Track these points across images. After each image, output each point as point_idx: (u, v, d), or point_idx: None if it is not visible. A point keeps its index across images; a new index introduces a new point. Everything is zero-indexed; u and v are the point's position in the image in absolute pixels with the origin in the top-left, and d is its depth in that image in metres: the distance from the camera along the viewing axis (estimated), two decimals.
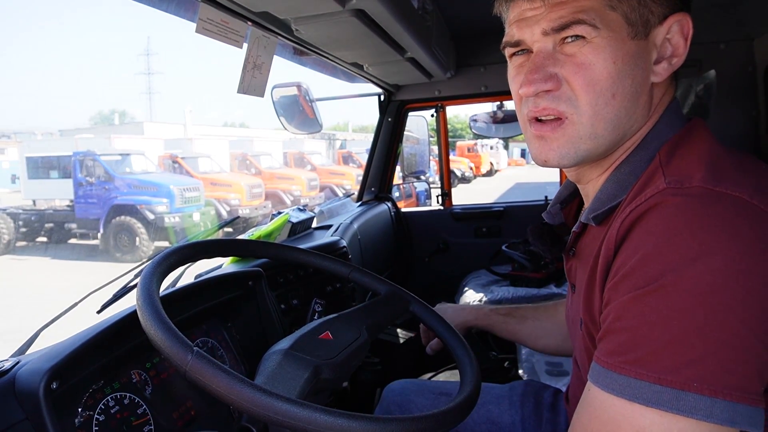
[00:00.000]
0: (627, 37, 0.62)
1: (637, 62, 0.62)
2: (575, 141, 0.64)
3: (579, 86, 0.62)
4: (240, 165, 16.11)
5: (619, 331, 0.53)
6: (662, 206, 0.54)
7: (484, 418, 0.98)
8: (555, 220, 0.83)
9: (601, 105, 0.62)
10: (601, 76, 0.62)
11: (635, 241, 0.55)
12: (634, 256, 0.53)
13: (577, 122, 0.64)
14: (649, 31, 0.63)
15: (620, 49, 0.61)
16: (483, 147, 25.69)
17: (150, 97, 58.79)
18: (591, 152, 0.65)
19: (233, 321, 1.10)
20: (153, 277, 0.72)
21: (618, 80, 0.62)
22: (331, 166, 18.53)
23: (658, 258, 0.51)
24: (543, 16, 0.63)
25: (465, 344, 0.89)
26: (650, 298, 0.51)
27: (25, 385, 0.68)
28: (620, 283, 0.55)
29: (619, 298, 0.54)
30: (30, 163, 12.84)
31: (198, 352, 0.60)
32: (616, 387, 0.52)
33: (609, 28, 0.61)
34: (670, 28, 0.63)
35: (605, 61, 0.61)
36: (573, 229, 0.74)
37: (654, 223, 0.54)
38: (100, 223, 10.58)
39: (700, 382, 0.48)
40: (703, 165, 0.56)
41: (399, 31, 1.35)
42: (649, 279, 0.51)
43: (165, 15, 1.27)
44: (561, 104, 0.64)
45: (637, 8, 0.62)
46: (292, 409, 0.57)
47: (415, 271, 2.60)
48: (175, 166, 13.48)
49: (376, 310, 0.92)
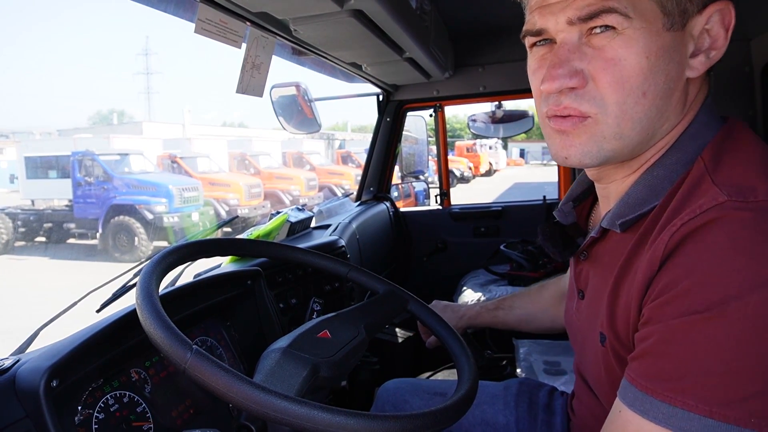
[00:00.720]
0: (662, 28, 0.55)
1: (672, 56, 0.56)
2: (599, 140, 0.59)
3: (606, 84, 0.57)
4: (239, 165, 16.10)
5: (664, 355, 0.49)
6: (724, 222, 0.49)
7: (478, 419, 0.98)
8: (567, 219, 0.77)
9: (630, 104, 0.57)
10: (632, 72, 0.56)
11: (690, 258, 0.49)
12: (689, 277, 0.49)
13: (602, 121, 0.58)
14: (687, 21, 0.56)
15: (654, 42, 0.55)
16: (482, 147, 25.70)
17: (149, 97, 58.74)
18: (616, 152, 0.60)
19: (232, 320, 1.10)
20: (152, 276, 0.72)
21: (650, 77, 0.56)
22: (330, 166, 18.52)
23: (719, 281, 0.47)
24: (569, 3, 0.57)
25: (462, 343, 0.89)
26: (708, 324, 0.47)
27: (26, 383, 0.68)
28: (669, 304, 0.50)
29: (667, 320, 0.50)
30: (28, 163, 12.82)
31: (197, 350, 0.61)
32: (657, 415, 0.49)
33: (643, 17, 0.55)
34: (710, 17, 0.57)
35: (637, 56, 0.55)
36: (591, 234, 0.68)
37: (714, 241, 0.48)
38: (99, 223, 10.57)
39: (760, 419, 0.44)
40: (764, 174, 0.51)
41: (397, 31, 1.36)
42: (708, 304, 0.47)
43: (164, 15, 1.27)
44: (584, 103, 0.58)
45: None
46: (290, 407, 0.58)
47: (413, 271, 2.61)
48: (174, 165, 13.47)
49: (374, 309, 0.92)
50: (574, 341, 0.79)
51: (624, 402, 0.53)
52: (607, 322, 0.61)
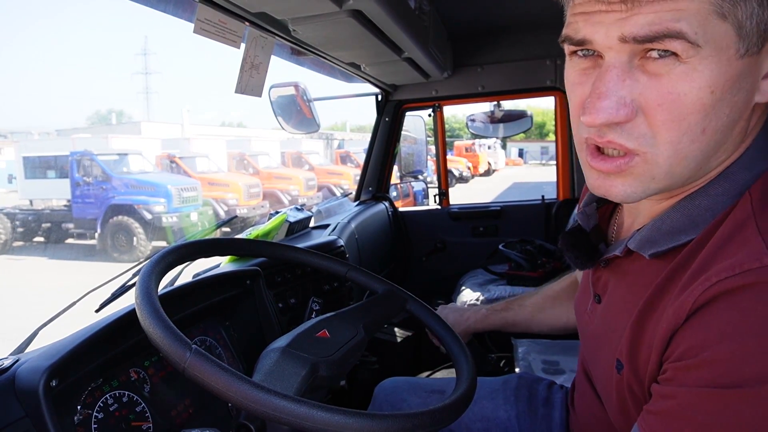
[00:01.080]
0: (734, 55, 0.46)
1: (742, 85, 0.48)
2: (645, 181, 0.52)
3: (661, 122, 0.48)
4: (238, 165, 16.10)
5: (683, 420, 0.46)
6: (762, 290, 0.44)
7: (478, 415, 0.99)
8: (590, 223, 0.70)
9: (685, 143, 0.49)
10: (693, 109, 0.47)
11: (721, 325, 0.45)
12: (718, 345, 0.44)
13: (651, 162, 0.51)
14: (765, 42, 0.47)
15: (723, 74, 0.46)
16: (481, 147, 25.71)
17: (147, 97, 58.71)
18: (663, 190, 0.54)
19: (231, 320, 1.11)
20: (151, 276, 0.73)
21: (712, 113, 0.47)
22: (329, 166, 18.52)
23: (751, 358, 0.43)
24: (625, 17, 0.47)
25: (461, 343, 0.89)
26: (732, 401, 0.43)
27: (25, 383, 0.68)
28: (694, 370, 0.46)
29: (691, 386, 0.46)
30: (27, 163, 12.80)
31: (196, 349, 0.61)
32: None
33: (713, 44, 0.46)
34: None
35: (701, 90, 0.46)
36: (615, 252, 0.62)
37: (750, 311, 0.44)
38: (98, 223, 10.56)
39: None
40: None
41: (396, 31, 1.36)
42: (736, 381, 0.43)
43: (163, 15, 1.28)
44: (632, 140, 0.50)
45: (757, 13, 0.45)
46: (289, 406, 0.58)
47: (412, 271, 2.61)
48: (173, 165, 13.46)
49: (373, 309, 0.92)
50: (584, 339, 0.77)
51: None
52: (627, 353, 0.57)
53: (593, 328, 0.71)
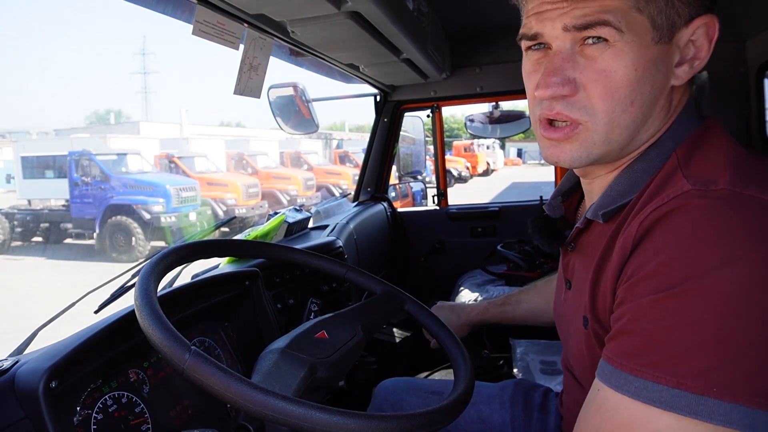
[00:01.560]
0: (651, 41, 0.59)
1: (659, 67, 0.60)
2: (588, 146, 0.63)
3: (597, 94, 0.60)
4: (236, 165, 16.09)
5: (635, 333, 0.53)
6: (687, 208, 0.53)
7: (474, 418, 0.99)
8: (556, 213, 0.82)
9: (617, 113, 0.60)
10: (621, 83, 0.59)
11: (656, 242, 0.53)
12: (656, 258, 0.52)
13: (591, 129, 0.62)
14: (674, 34, 0.60)
15: (643, 55, 0.58)
16: (479, 147, 25.72)
17: (146, 97, 58.65)
18: (603, 155, 0.64)
19: (230, 321, 1.11)
20: (150, 277, 0.73)
21: (637, 87, 0.59)
22: (328, 166, 18.52)
23: (681, 262, 0.50)
24: (566, 12, 0.60)
25: (459, 343, 0.90)
26: (672, 302, 0.50)
27: (25, 384, 0.69)
28: (638, 285, 0.53)
29: (637, 300, 0.53)
30: (25, 163, 12.79)
31: (195, 351, 0.61)
32: (631, 389, 0.51)
33: (633, 31, 0.58)
34: (695, 30, 0.60)
35: (626, 68, 0.59)
36: (577, 225, 0.72)
37: (678, 226, 0.52)
38: (96, 223, 10.55)
39: (720, 388, 0.47)
40: (728, 167, 0.55)
41: (394, 32, 1.36)
42: (671, 283, 0.50)
43: (161, 16, 1.28)
44: (575, 111, 0.62)
45: (664, 10, 0.58)
46: (288, 407, 0.58)
47: (411, 271, 2.61)
48: (172, 165, 13.45)
49: (371, 310, 0.93)
50: (561, 331, 0.82)
51: (601, 380, 0.56)
52: (589, 305, 0.64)
53: (565, 313, 0.77)
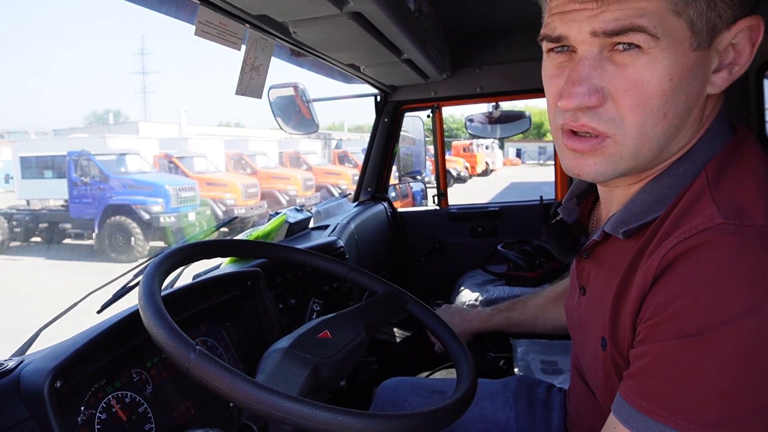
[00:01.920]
0: (689, 48, 0.53)
1: (696, 75, 0.54)
2: (615, 161, 0.58)
3: (627, 106, 0.55)
4: (236, 165, 16.09)
5: (657, 375, 0.51)
6: (716, 245, 0.49)
7: (478, 416, 1.00)
8: (571, 217, 0.76)
9: (649, 126, 0.55)
10: (654, 94, 0.54)
11: (682, 280, 0.50)
12: (681, 299, 0.49)
13: (620, 143, 0.57)
14: (714, 38, 0.54)
15: (679, 63, 0.53)
16: (478, 147, 25.73)
17: (145, 97, 58.63)
18: (630, 170, 0.59)
19: (232, 321, 1.11)
20: (155, 277, 0.73)
21: (671, 98, 0.54)
22: (327, 166, 18.51)
23: (709, 305, 0.48)
24: (595, 14, 0.54)
25: (461, 343, 0.90)
26: (697, 348, 0.48)
27: (30, 384, 0.69)
28: (662, 325, 0.51)
29: (660, 341, 0.51)
30: (24, 163, 12.77)
31: (200, 350, 0.61)
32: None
33: (670, 37, 0.53)
34: (737, 33, 0.55)
35: (661, 78, 0.53)
36: (594, 237, 0.68)
37: (706, 263, 0.49)
38: (95, 223, 10.54)
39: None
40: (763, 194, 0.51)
41: (395, 33, 1.36)
42: (698, 328, 0.48)
43: (160, 14, 1.27)
44: (603, 123, 0.56)
45: (705, 13, 0.53)
46: (293, 406, 0.58)
47: (411, 271, 2.62)
48: (171, 165, 13.44)
49: (373, 310, 0.93)
50: (574, 334, 0.80)
51: (618, 418, 0.54)
52: (610, 329, 0.61)
53: (580, 319, 0.74)
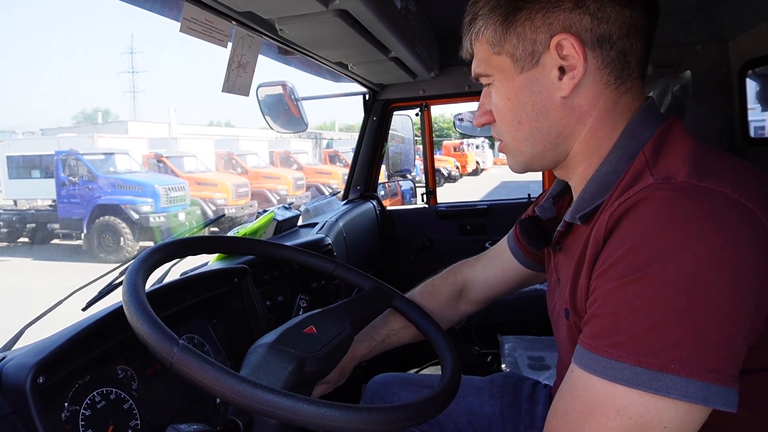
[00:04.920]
0: (515, 73, 0.70)
1: (533, 89, 0.69)
2: (512, 155, 0.77)
3: (498, 120, 0.75)
4: (226, 164, 16.03)
5: (603, 316, 0.57)
6: (649, 200, 0.57)
7: (464, 410, 1.01)
8: (547, 215, 0.87)
9: (513, 131, 0.73)
10: (504, 109, 0.72)
11: (623, 232, 0.58)
12: (622, 247, 0.56)
13: (507, 143, 0.76)
14: (538, 59, 0.68)
15: (511, 86, 0.71)
16: (469, 146, 25.80)
17: (134, 96, 58.09)
18: (528, 162, 0.76)
19: (219, 317, 1.11)
20: (139, 273, 0.73)
21: (517, 110, 0.71)
22: (318, 166, 18.50)
23: (644, 248, 0.54)
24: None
25: (446, 337, 0.91)
26: (635, 285, 0.54)
27: (12, 380, 0.68)
28: (607, 272, 0.57)
29: (606, 285, 0.57)
30: (11, 163, 12.65)
31: (183, 344, 0.62)
32: (598, 369, 0.55)
33: (499, 70, 0.71)
34: (560, 48, 0.66)
35: (502, 99, 0.72)
36: (558, 228, 0.77)
37: (641, 215, 0.57)
38: (84, 223, 10.46)
39: (677, 364, 0.51)
40: (688, 162, 0.59)
41: (382, 31, 1.37)
42: (635, 268, 0.54)
43: (149, 13, 1.27)
44: (496, 132, 0.77)
45: (518, 44, 0.68)
46: (276, 399, 0.59)
47: (400, 269, 2.62)
48: (160, 165, 13.36)
49: (359, 305, 0.94)
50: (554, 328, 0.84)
51: (574, 362, 0.60)
52: (569, 298, 0.69)
53: (556, 310, 0.79)
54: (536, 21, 0.67)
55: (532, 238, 0.85)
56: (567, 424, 0.59)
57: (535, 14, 0.67)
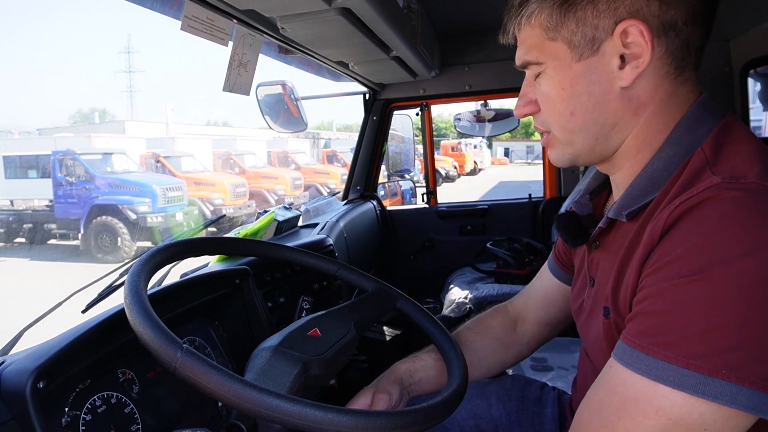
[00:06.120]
0: (572, 61, 0.66)
1: (591, 78, 0.66)
2: (560, 148, 0.73)
3: (545, 110, 0.71)
4: (223, 164, 15.99)
5: (652, 314, 0.55)
6: (716, 199, 0.54)
7: (471, 413, 1.00)
8: (584, 211, 0.83)
9: (564, 122, 0.69)
10: (556, 101, 0.68)
11: (684, 230, 0.55)
12: (682, 245, 0.54)
13: (555, 135, 0.72)
14: (599, 46, 0.64)
15: (566, 75, 0.66)
16: (467, 146, 25.83)
17: (131, 96, 57.97)
18: (576, 155, 0.72)
19: (220, 319, 1.10)
20: (140, 275, 0.72)
21: (571, 101, 0.67)
22: (316, 165, 18.47)
23: (707, 249, 0.52)
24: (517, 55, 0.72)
25: (452, 340, 0.90)
26: (691, 286, 0.52)
27: (12, 385, 0.67)
28: (662, 269, 0.55)
29: (659, 283, 0.55)
30: (7, 163, 12.59)
31: (188, 349, 0.60)
32: (641, 366, 0.54)
33: (553, 57, 0.67)
34: (625, 35, 0.63)
35: (555, 89, 0.68)
36: (600, 224, 0.74)
37: (706, 215, 0.54)
38: (81, 224, 10.41)
39: (728, 370, 0.49)
40: (757, 163, 0.57)
41: (384, 29, 1.36)
42: (695, 269, 0.52)
43: (147, 12, 1.26)
44: (541, 123, 0.73)
45: (577, 30, 0.64)
46: (282, 405, 0.58)
47: (400, 269, 2.62)
48: (158, 165, 13.33)
49: (363, 307, 0.92)
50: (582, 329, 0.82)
51: (615, 357, 0.58)
52: (611, 297, 0.67)
53: (588, 309, 0.77)
54: (600, 5, 0.62)
55: (570, 235, 0.81)
56: (600, 419, 0.58)
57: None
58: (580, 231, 0.80)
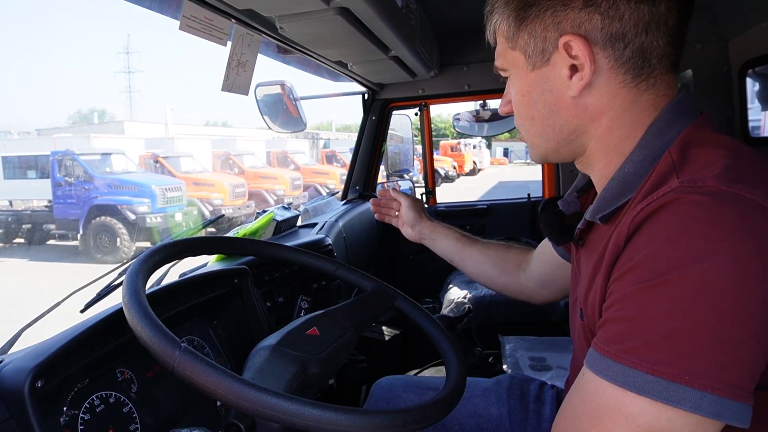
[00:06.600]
0: (528, 70, 0.70)
1: (544, 87, 0.69)
2: (531, 147, 0.77)
3: (515, 112, 0.76)
4: (223, 164, 15.99)
5: (618, 320, 0.55)
6: (674, 204, 0.55)
7: (471, 412, 1.00)
8: (570, 209, 0.84)
9: (527, 126, 0.74)
10: (519, 105, 0.73)
11: (645, 236, 0.56)
12: (643, 251, 0.54)
13: (523, 136, 0.77)
14: (549, 57, 0.67)
15: (524, 83, 0.71)
16: (466, 146, 25.84)
17: (130, 96, 57.97)
18: (543, 155, 0.76)
19: (219, 319, 1.10)
20: (139, 274, 0.72)
21: (530, 107, 0.71)
22: (315, 166, 18.47)
23: (665, 254, 0.52)
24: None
25: (450, 338, 0.90)
26: (653, 291, 0.52)
27: (9, 384, 0.67)
28: (625, 275, 0.56)
29: (623, 289, 0.56)
30: (6, 163, 12.58)
31: (185, 348, 0.60)
32: (610, 374, 0.54)
33: (514, 65, 0.72)
34: (569, 48, 0.65)
35: (516, 94, 0.73)
36: (578, 226, 0.75)
37: (664, 220, 0.54)
38: (80, 224, 10.41)
39: (691, 376, 0.49)
40: (718, 165, 0.56)
41: (383, 29, 1.36)
42: (655, 273, 0.52)
43: (146, 12, 1.26)
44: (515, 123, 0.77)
45: (530, 41, 0.68)
46: (281, 403, 0.58)
47: (399, 269, 2.61)
48: (157, 165, 13.33)
49: (362, 306, 0.92)
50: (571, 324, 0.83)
51: (586, 365, 0.58)
52: (584, 299, 0.68)
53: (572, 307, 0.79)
54: (546, 19, 0.65)
55: (554, 233, 0.83)
56: (574, 427, 0.58)
57: (544, 12, 0.65)
58: (564, 229, 0.82)
